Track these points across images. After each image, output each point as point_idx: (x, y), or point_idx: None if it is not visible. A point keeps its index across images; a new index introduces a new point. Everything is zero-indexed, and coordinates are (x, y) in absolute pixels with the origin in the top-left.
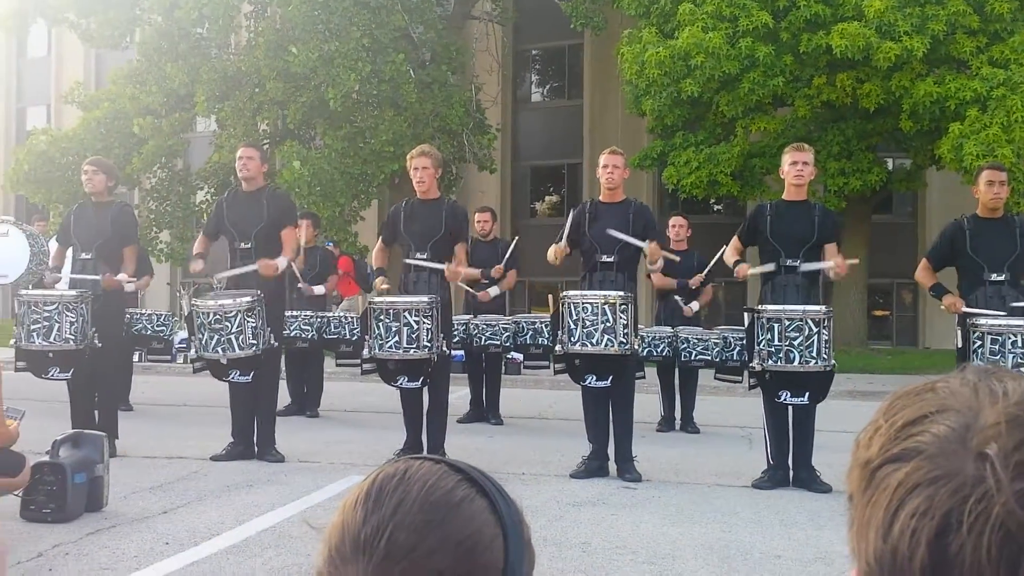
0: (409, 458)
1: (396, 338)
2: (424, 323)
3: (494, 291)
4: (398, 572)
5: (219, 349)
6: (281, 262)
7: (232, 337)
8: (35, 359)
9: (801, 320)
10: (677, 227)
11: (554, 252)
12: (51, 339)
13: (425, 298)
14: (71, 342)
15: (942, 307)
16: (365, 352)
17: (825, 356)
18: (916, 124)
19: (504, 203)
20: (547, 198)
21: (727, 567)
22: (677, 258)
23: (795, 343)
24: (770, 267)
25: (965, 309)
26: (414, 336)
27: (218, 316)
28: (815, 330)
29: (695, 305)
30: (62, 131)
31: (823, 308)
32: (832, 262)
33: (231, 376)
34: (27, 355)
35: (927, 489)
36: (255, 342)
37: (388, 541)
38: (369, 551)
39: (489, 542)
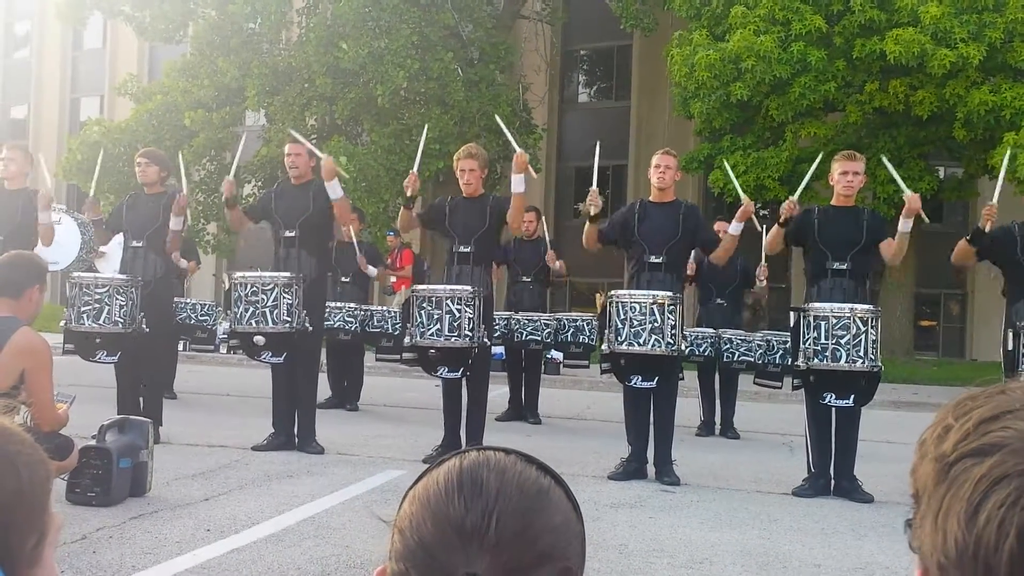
0: (481, 448)
1: (438, 326)
2: (466, 312)
3: (559, 264)
4: (508, 556)
5: (253, 321)
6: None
7: (267, 311)
8: (83, 341)
9: (848, 318)
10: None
11: (590, 200)
12: (100, 321)
13: (468, 287)
14: (119, 325)
15: (980, 222)
16: (406, 340)
17: (872, 356)
18: (970, 133)
19: (547, 203)
20: None
21: (765, 574)
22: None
23: (842, 342)
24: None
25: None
26: (456, 324)
27: (255, 288)
28: (863, 329)
29: (761, 277)
30: (115, 122)
31: (871, 307)
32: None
33: (263, 356)
34: (76, 337)
35: (1016, 480)
36: (289, 320)
37: (497, 527)
38: (478, 538)
39: (575, 525)
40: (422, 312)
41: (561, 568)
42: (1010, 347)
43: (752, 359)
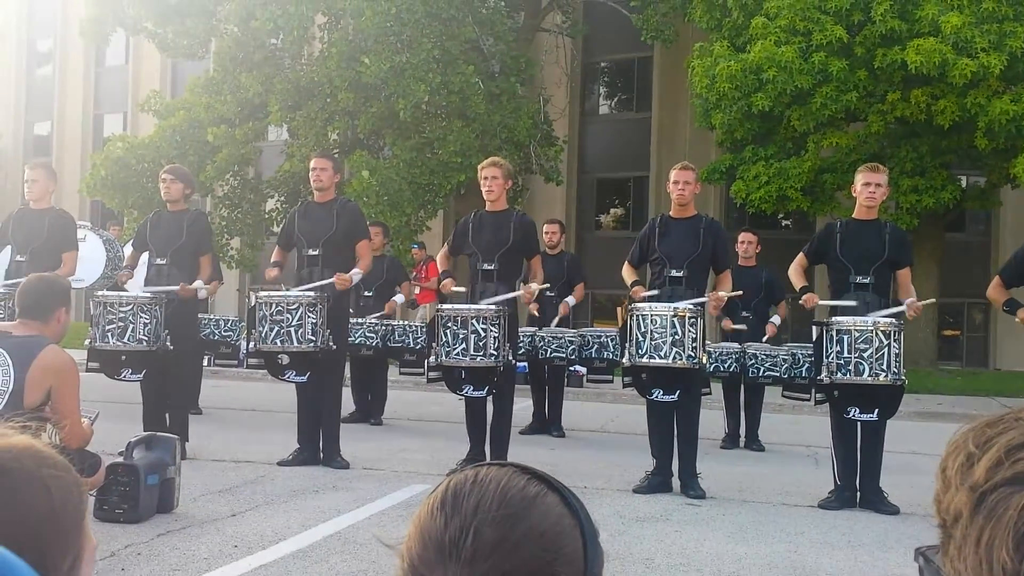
0: (476, 464)
1: (463, 345)
2: (491, 331)
3: (571, 300)
4: (487, 568)
5: (277, 341)
6: (355, 275)
7: (291, 330)
8: (108, 359)
9: (871, 332)
10: (746, 243)
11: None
12: (125, 339)
13: (493, 306)
14: (144, 343)
15: (1017, 320)
16: (432, 359)
17: (896, 370)
18: (991, 142)
19: (569, 215)
20: (612, 211)
21: None
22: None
23: (865, 356)
24: (849, 303)
25: None
26: (481, 344)
27: (280, 308)
28: (885, 343)
29: (776, 319)
30: (138, 138)
31: (893, 320)
32: (906, 304)
33: (287, 375)
34: (100, 355)
35: None
36: (313, 339)
37: (474, 539)
38: (456, 552)
39: (569, 531)
40: (447, 331)
41: None
42: None
43: (777, 374)
